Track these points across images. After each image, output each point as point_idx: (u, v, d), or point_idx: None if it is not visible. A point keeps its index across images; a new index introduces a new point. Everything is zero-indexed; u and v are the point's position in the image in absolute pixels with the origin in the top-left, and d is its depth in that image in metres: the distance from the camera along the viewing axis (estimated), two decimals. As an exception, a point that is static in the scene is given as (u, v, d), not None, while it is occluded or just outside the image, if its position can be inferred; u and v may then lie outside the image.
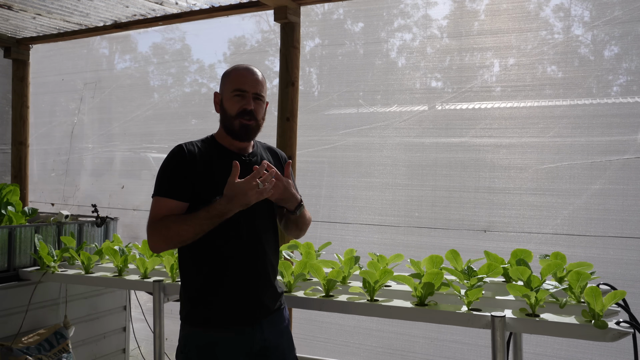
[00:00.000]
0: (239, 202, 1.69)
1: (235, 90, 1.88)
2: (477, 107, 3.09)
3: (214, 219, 1.73)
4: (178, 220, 1.76)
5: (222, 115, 1.93)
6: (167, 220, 1.77)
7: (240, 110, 1.87)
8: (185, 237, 1.76)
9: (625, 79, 2.85)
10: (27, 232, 3.16)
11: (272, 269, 1.97)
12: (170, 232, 1.76)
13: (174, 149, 1.89)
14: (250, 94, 1.89)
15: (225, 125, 1.92)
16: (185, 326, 1.89)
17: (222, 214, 1.72)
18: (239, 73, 1.91)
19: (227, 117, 1.90)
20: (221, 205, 1.71)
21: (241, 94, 1.88)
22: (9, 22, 3.96)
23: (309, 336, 3.42)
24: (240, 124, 1.88)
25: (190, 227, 1.74)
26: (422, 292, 2.09)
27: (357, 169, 3.40)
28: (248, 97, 1.88)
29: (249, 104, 1.88)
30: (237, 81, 1.89)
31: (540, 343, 2.81)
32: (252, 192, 1.68)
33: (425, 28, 3.32)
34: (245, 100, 1.88)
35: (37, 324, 3.09)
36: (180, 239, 1.78)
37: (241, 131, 1.89)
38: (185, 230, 1.74)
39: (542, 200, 2.88)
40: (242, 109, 1.87)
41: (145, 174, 4.33)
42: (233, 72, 1.93)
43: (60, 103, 4.83)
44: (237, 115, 1.87)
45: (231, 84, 1.90)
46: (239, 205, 1.70)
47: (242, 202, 1.69)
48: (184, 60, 4.31)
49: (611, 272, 2.66)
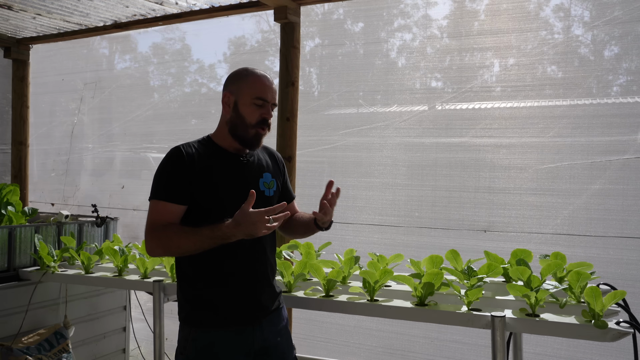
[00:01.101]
0: (246, 230, 1.67)
1: (257, 99, 1.85)
2: (477, 107, 3.09)
3: (217, 239, 1.72)
4: (180, 233, 1.75)
5: (236, 120, 1.87)
6: (169, 231, 1.76)
7: (260, 120, 1.86)
8: (185, 250, 1.77)
9: (625, 79, 2.85)
10: (27, 232, 3.16)
11: (270, 268, 1.98)
12: (170, 243, 1.75)
13: (171, 151, 1.86)
14: (270, 104, 1.89)
15: (237, 129, 1.88)
16: (185, 327, 1.89)
17: (226, 237, 1.71)
18: (261, 81, 1.88)
19: (244, 123, 1.86)
20: (227, 229, 1.69)
21: (263, 103, 1.86)
22: (9, 22, 3.96)
23: (309, 336, 3.42)
24: (256, 132, 1.87)
25: (191, 243, 1.73)
26: (422, 292, 2.09)
27: (357, 169, 3.40)
28: (268, 107, 1.88)
29: (269, 114, 1.88)
30: (260, 90, 1.86)
31: (540, 343, 2.82)
32: (261, 225, 1.66)
33: (425, 28, 3.32)
34: (265, 109, 1.87)
35: (37, 324, 3.09)
36: (180, 252, 1.79)
37: (254, 140, 1.88)
38: (186, 244, 1.74)
39: (542, 200, 2.88)
40: (262, 118, 1.86)
41: (146, 174, 4.33)
42: (252, 77, 1.89)
43: (60, 103, 4.83)
44: (256, 124, 1.86)
45: (252, 90, 1.86)
46: (244, 233, 1.68)
47: (249, 231, 1.67)
48: (184, 60, 4.31)
49: (611, 272, 2.66)
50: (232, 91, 1.89)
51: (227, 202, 1.81)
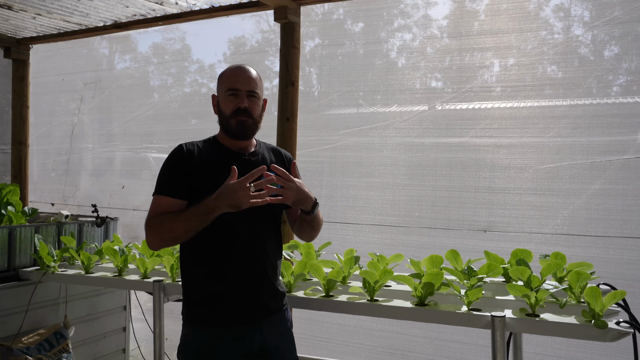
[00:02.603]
0: (228, 200, 1.66)
1: (228, 90, 1.89)
2: (477, 107, 3.09)
3: (202, 215, 1.72)
4: (171, 217, 1.78)
5: (220, 117, 1.95)
6: (162, 217, 1.79)
7: (234, 109, 1.88)
8: (177, 233, 1.77)
9: (625, 79, 2.86)
10: (27, 232, 3.16)
11: (272, 269, 1.97)
12: (163, 229, 1.77)
13: (174, 149, 1.92)
14: (243, 92, 1.89)
15: (223, 125, 1.94)
16: (186, 325, 1.91)
17: (210, 211, 1.70)
18: (232, 72, 1.93)
19: (224, 117, 1.91)
20: (210, 201, 1.70)
21: (235, 92, 1.89)
22: (9, 22, 3.96)
23: (309, 336, 3.42)
24: (236, 122, 1.88)
25: (180, 224, 1.75)
26: (422, 292, 2.09)
27: (358, 169, 3.40)
28: (242, 95, 1.89)
29: (243, 101, 1.88)
30: (230, 81, 1.90)
31: (540, 343, 2.81)
32: (243, 194, 1.65)
33: (425, 28, 3.32)
34: (239, 98, 1.89)
35: (37, 324, 3.09)
36: (172, 236, 1.78)
37: (237, 129, 1.90)
38: (177, 227, 1.75)
39: (542, 200, 2.88)
40: (236, 107, 1.88)
41: (146, 174, 4.33)
42: (226, 72, 1.95)
43: (60, 103, 4.83)
44: (232, 114, 1.88)
45: (224, 84, 1.92)
46: (226, 204, 1.67)
47: (231, 201, 1.66)
48: (184, 60, 4.31)
49: (611, 272, 2.66)
50: (216, 92, 1.98)
51: None
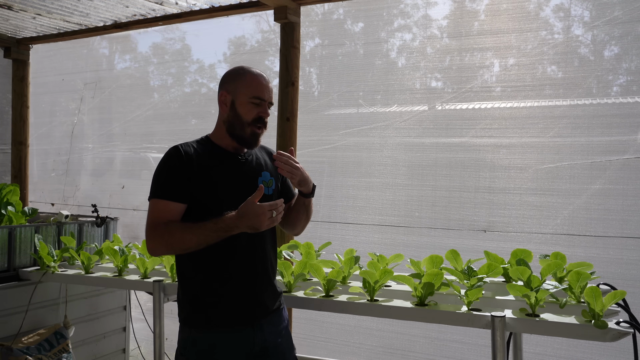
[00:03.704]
0: (249, 222, 1.68)
1: (254, 97, 1.87)
2: (477, 107, 3.09)
3: (220, 232, 1.72)
4: (183, 228, 1.74)
5: (233, 119, 1.89)
6: (172, 227, 1.75)
7: (256, 117, 1.87)
8: (188, 245, 1.75)
9: (625, 79, 2.85)
10: (27, 232, 3.16)
11: (271, 268, 1.98)
12: (173, 239, 1.74)
13: (169, 150, 1.86)
14: (267, 103, 1.90)
15: (234, 128, 1.89)
16: (185, 328, 1.89)
17: (229, 229, 1.71)
18: (257, 80, 1.89)
19: (241, 122, 1.87)
20: (230, 220, 1.70)
21: (260, 102, 1.88)
22: (9, 22, 3.96)
23: (309, 336, 3.42)
24: (252, 131, 1.88)
25: (194, 237, 1.72)
26: (422, 292, 2.09)
27: (358, 169, 3.40)
28: (265, 105, 1.89)
29: (266, 112, 1.89)
30: (256, 88, 1.88)
31: (540, 343, 2.81)
32: (264, 218, 1.67)
33: (425, 28, 3.32)
34: (262, 108, 1.88)
35: (37, 324, 3.09)
36: (183, 247, 1.76)
37: (251, 138, 1.89)
38: (189, 239, 1.73)
39: (542, 200, 2.88)
40: (258, 116, 1.87)
41: (146, 174, 4.33)
42: (249, 76, 1.90)
43: (60, 103, 4.83)
44: (252, 122, 1.87)
45: (248, 89, 1.87)
46: (247, 225, 1.69)
47: (252, 224, 1.68)
48: (184, 60, 4.31)
49: (611, 272, 2.66)
50: (228, 90, 1.90)
51: (226, 201, 1.80)
